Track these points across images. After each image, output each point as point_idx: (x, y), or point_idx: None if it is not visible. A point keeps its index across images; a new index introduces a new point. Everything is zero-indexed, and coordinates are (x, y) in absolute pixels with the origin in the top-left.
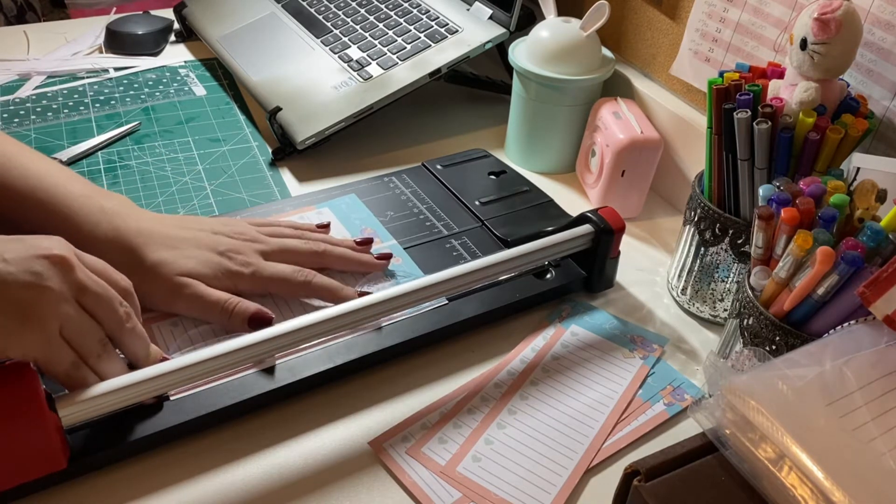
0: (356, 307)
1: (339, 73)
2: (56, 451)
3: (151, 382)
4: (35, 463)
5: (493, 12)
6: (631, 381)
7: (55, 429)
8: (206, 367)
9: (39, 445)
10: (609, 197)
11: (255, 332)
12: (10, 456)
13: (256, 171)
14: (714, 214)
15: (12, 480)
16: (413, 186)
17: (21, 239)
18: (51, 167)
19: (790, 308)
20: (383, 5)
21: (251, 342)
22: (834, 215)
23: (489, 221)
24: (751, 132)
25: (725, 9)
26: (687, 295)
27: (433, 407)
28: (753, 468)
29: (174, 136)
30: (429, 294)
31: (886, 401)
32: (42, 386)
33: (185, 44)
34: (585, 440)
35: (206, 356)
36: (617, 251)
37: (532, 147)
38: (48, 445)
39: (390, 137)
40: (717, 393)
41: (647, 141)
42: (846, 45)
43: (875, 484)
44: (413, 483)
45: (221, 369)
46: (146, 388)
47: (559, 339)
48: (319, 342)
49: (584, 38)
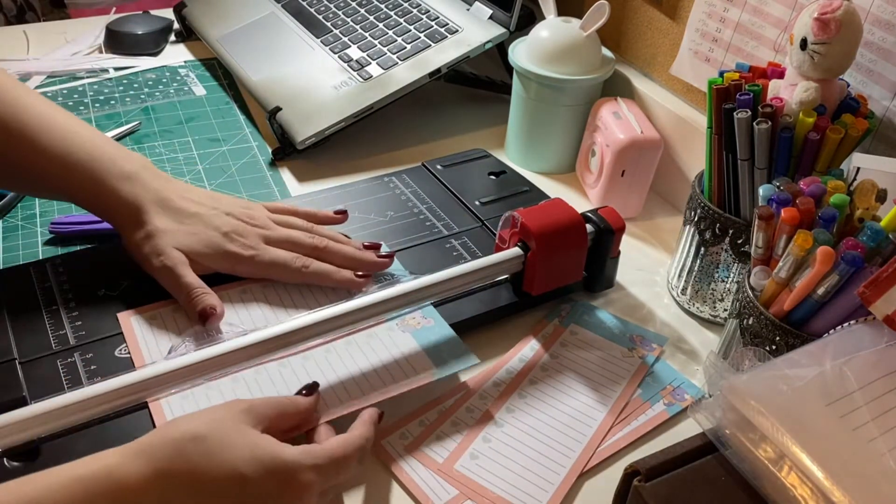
0: (356, 307)
1: (339, 72)
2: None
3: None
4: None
5: (493, 12)
6: (629, 381)
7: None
8: (207, 367)
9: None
10: (609, 197)
11: (250, 335)
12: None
13: (256, 171)
14: (714, 214)
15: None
16: (413, 186)
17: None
18: (75, 124)
19: (790, 308)
20: (383, 5)
21: (251, 342)
22: (834, 215)
23: (489, 221)
24: (751, 132)
25: (725, 9)
26: (687, 295)
27: (431, 405)
28: (753, 468)
29: (174, 135)
30: (428, 294)
31: (886, 401)
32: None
33: (184, 44)
34: (584, 439)
35: (205, 356)
36: (617, 251)
37: (532, 147)
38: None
39: (390, 137)
40: (717, 393)
41: (647, 141)
42: (846, 45)
43: (875, 484)
44: (410, 480)
45: (220, 369)
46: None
47: (558, 338)
48: (319, 342)
49: (584, 38)
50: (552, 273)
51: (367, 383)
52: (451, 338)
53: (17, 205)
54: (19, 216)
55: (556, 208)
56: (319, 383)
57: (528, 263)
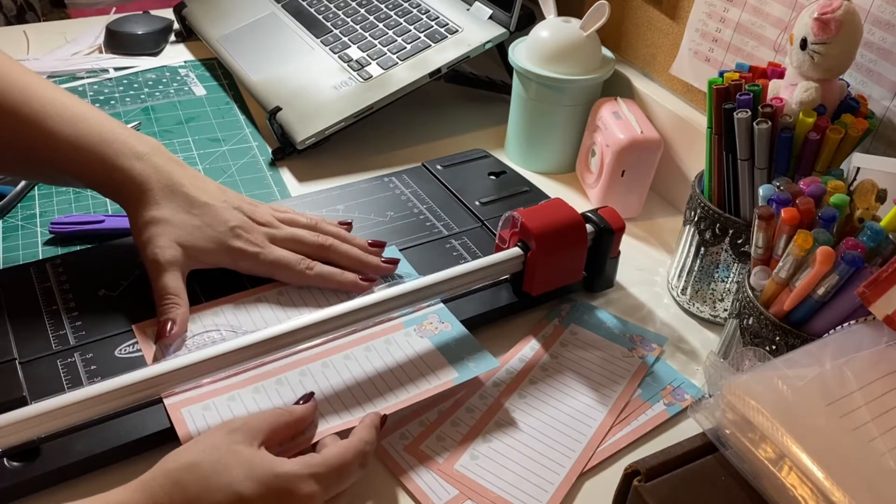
0: (355, 308)
1: (339, 72)
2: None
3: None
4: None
5: (493, 12)
6: (629, 381)
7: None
8: (207, 366)
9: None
10: (609, 197)
11: (253, 334)
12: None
13: (256, 171)
14: (714, 214)
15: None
16: (413, 186)
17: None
18: (86, 109)
19: (790, 308)
20: (383, 5)
21: (250, 342)
22: (834, 215)
23: (489, 221)
24: (751, 132)
25: (725, 9)
26: (687, 295)
27: (431, 404)
28: (753, 468)
29: (174, 135)
30: (428, 294)
31: (886, 401)
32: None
33: (184, 44)
34: (584, 439)
35: (206, 356)
36: (617, 251)
37: (532, 147)
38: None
39: (390, 137)
40: (717, 393)
41: (647, 141)
42: (846, 45)
43: (875, 484)
44: (410, 480)
45: (222, 368)
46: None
47: (558, 338)
48: (319, 343)
49: (584, 38)
50: (552, 273)
51: (388, 388)
52: (469, 342)
53: (17, 205)
54: (19, 216)
55: (556, 208)
56: (315, 392)
57: (528, 263)
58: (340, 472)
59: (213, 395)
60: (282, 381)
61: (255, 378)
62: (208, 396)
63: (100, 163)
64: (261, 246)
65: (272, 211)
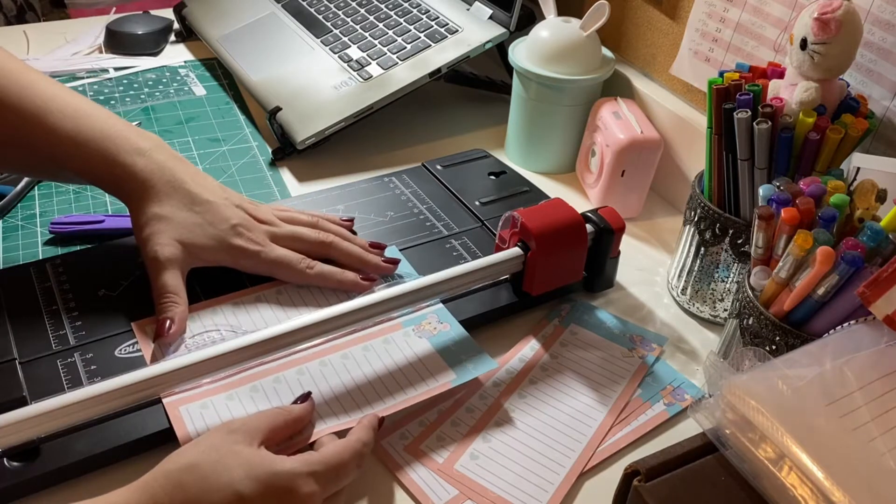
0: (354, 308)
1: (339, 72)
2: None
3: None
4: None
5: (493, 12)
6: (629, 381)
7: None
8: (207, 366)
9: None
10: (609, 197)
11: (252, 334)
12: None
13: (256, 171)
14: (714, 214)
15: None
16: (413, 186)
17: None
18: (88, 105)
19: (790, 308)
20: (383, 5)
21: (250, 342)
22: (834, 215)
23: (489, 221)
24: (751, 132)
25: (725, 9)
26: (687, 295)
27: (431, 405)
28: (753, 468)
29: (174, 136)
30: (428, 294)
31: (886, 401)
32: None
33: (184, 44)
34: (584, 438)
35: (206, 356)
36: (617, 251)
37: (532, 147)
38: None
39: (390, 137)
40: (717, 393)
41: (647, 141)
42: (846, 45)
43: (875, 484)
44: (410, 480)
45: (222, 368)
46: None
47: (558, 338)
48: (318, 343)
49: (584, 38)
50: (552, 273)
51: (386, 390)
52: (468, 343)
53: (17, 205)
54: (19, 216)
55: (556, 208)
56: (312, 391)
57: (528, 263)
58: (338, 471)
59: (211, 393)
60: (280, 380)
61: (252, 377)
62: (206, 395)
63: (101, 158)
64: (262, 244)
65: (273, 210)
